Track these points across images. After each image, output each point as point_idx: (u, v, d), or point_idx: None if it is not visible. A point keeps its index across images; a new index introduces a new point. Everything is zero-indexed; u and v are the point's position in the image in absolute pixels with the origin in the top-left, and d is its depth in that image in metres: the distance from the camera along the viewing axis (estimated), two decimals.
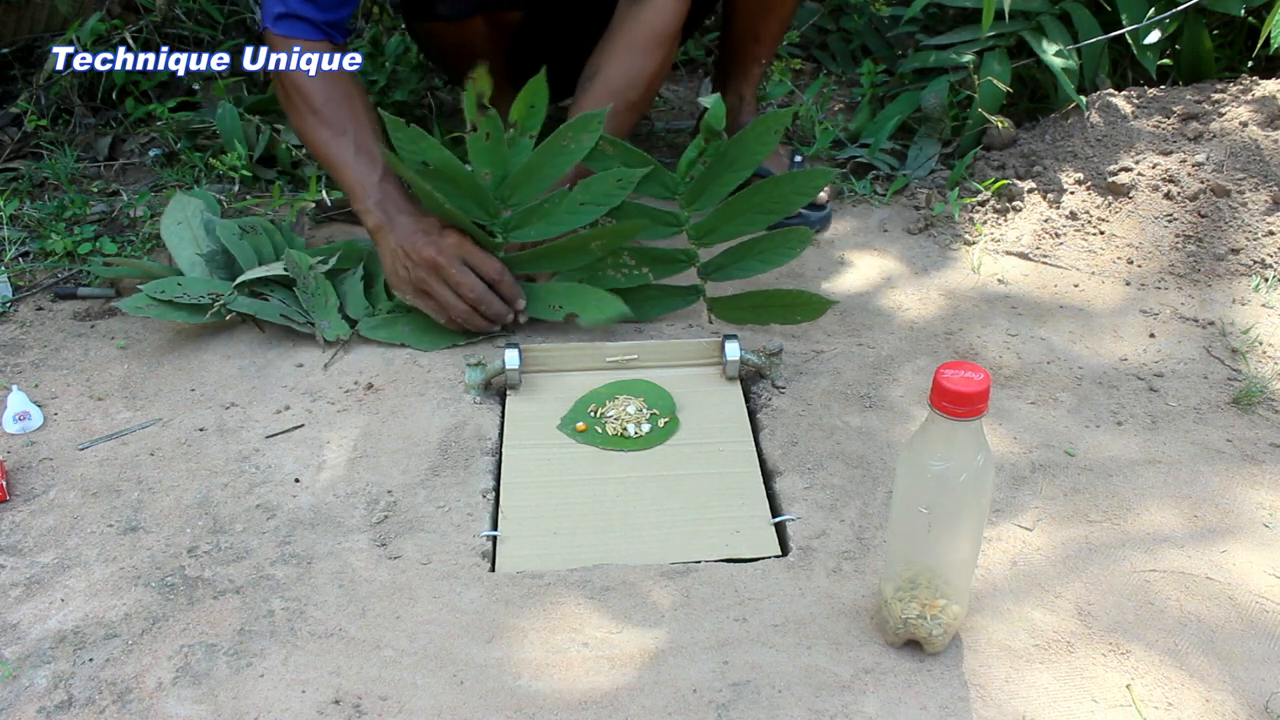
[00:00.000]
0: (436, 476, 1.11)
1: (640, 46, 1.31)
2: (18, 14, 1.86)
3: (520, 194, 1.28)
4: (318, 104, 1.30)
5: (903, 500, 0.85)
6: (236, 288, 1.32)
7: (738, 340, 1.23)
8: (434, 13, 1.50)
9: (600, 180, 1.25)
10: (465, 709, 0.86)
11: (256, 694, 0.88)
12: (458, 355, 1.29)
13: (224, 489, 1.10)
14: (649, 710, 0.86)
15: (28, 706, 0.87)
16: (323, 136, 1.30)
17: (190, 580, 0.99)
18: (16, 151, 1.75)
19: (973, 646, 0.91)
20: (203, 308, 1.29)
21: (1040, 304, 1.40)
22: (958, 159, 1.68)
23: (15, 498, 1.09)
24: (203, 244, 1.38)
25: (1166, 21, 1.68)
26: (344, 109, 1.30)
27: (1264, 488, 1.10)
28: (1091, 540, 1.03)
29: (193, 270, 1.36)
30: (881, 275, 1.46)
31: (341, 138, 1.29)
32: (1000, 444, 1.15)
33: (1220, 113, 1.55)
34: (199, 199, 1.44)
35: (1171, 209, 1.48)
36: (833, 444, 1.15)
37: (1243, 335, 1.32)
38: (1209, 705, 0.87)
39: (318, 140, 1.31)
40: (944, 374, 0.78)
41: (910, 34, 1.96)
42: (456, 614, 0.95)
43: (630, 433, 1.17)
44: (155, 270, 1.36)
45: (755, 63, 1.61)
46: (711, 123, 1.22)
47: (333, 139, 1.30)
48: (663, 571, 1.00)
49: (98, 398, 1.23)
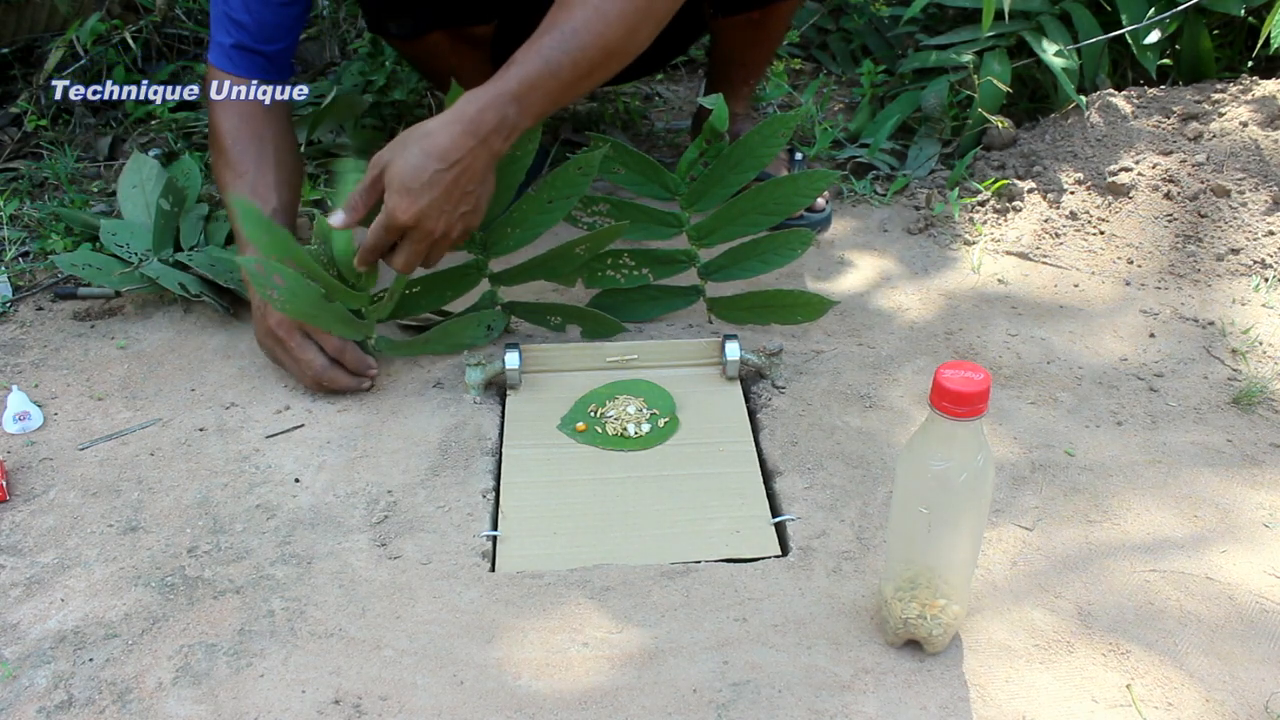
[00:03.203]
0: (436, 476, 1.11)
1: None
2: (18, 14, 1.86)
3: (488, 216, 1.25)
4: (226, 144, 1.27)
5: (903, 500, 0.85)
6: (159, 256, 1.33)
7: (738, 340, 1.23)
8: (386, 32, 1.47)
9: (561, 174, 1.23)
10: (465, 709, 0.86)
11: (256, 694, 0.88)
12: (458, 355, 1.29)
13: (224, 489, 1.10)
14: (649, 710, 0.86)
15: (28, 706, 0.87)
16: (224, 178, 1.27)
17: (190, 580, 0.99)
18: (16, 151, 1.75)
19: (973, 646, 0.92)
20: (130, 274, 1.33)
21: (1040, 304, 1.40)
22: (958, 159, 1.68)
23: (15, 498, 1.09)
24: (153, 208, 1.39)
25: (1166, 21, 1.68)
26: (249, 151, 1.26)
27: (1264, 488, 1.10)
28: (1091, 540, 1.03)
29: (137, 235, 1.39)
30: (881, 275, 1.46)
31: (239, 180, 1.25)
32: (1000, 444, 1.15)
33: (1220, 113, 1.55)
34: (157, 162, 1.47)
35: (1171, 209, 1.48)
36: (833, 444, 1.15)
37: (1243, 335, 1.32)
38: (1209, 705, 0.87)
39: (220, 181, 1.27)
40: (944, 374, 0.78)
41: (910, 34, 1.96)
42: (456, 614, 0.95)
43: (630, 433, 1.17)
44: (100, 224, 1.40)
45: (744, 84, 1.60)
46: (715, 124, 1.22)
47: (232, 181, 1.25)
48: (663, 571, 1.00)
49: (98, 398, 1.23)
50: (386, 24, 1.45)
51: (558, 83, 1.09)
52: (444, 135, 1.07)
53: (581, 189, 1.23)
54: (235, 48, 1.27)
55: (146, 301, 1.39)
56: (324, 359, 1.19)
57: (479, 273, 1.29)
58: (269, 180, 1.25)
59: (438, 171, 1.06)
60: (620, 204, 1.29)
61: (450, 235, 1.12)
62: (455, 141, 1.06)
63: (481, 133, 1.07)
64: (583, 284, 1.33)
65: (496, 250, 1.27)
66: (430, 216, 1.08)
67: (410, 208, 1.07)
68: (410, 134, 1.08)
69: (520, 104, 1.08)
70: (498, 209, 1.25)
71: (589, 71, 1.10)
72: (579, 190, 1.23)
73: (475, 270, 1.29)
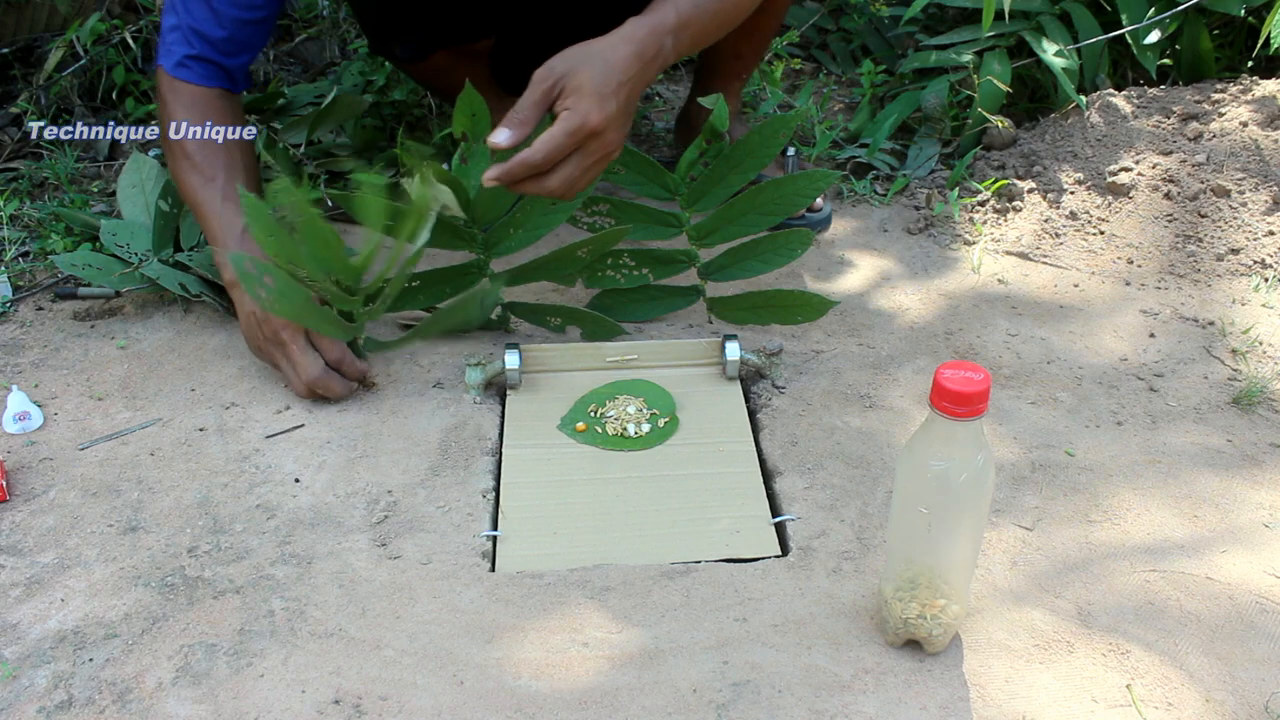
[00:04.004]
0: (436, 476, 1.11)
1: None
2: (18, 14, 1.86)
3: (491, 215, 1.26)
4: (191, 149, 1.25)
5: (903, 500, 0.85)
6: (159, 257, 1.33)
7: (738, 340, 1.24)
8: (391, 55, 1.46)
9: None
10: (465, 709, 0.86)
11: (256, 694, 0.88)
12: (458, 355, 1.29)
13: (224, 489, 1.10)
14: (649, 710, 0.86)
15: (28, 706, 0.87)
16: (193, 182, 1.25)
17: (190, 580, 0.99)
18: (16, 151, 1.75)
19: (973, 646, 0.92)
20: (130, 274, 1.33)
21: (1040, 304, 1.40)
22: (958, 159, 1.68)
23: (15, 498, 1.09)
24: (153, 208, 1.39)
25: (1166, 21, 1.68)
26: (218, 155, 1.25)
27: (1264, 488, 1.10)
28: (1091, 540, 1.03)
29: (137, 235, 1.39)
30: (881, 275, 1.46)
31: (210, 184, 1.23)
32: (1000, 444, 1.15)
33: (1220, 113, 1.55)
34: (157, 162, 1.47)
35: (1171, 209, 1.48)
36: (833, 444, 1.15)
37: (1243, 335, 1.32)
38: (1209, 705, 0.87)
39: (188, 186, 1.25)
40: (944, 374, 0.78)
41: (910, 34, 1.96)
42: (456, 614, 0.95)
43: (630, 433, 1.17)
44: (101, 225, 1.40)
45: (736, 78, 1.60)
46: (715, 124, 1.22)
47: (202, 185, 1.24)
48: (663, 571, 1.00)
49: (98, 398, 1.23)
50: (391, 47, 1.45)
51: (703, 23, 1.12)
52: (621, 51, 1.06)
53: (585, 191, 1.23)
54: (195, 58, 1.26)
55: (146, 301, 1.39)
56: (320, 367, 1.19)
57: (480, 273, 1.29)
58: (238, 183, 1.24)
59: (621, 83, 1.05)
60: (621, 204, 1.29)
61: (613, 155, 1.10)
62: (629, 61, 1.06)
63: (646, 56, 1.07)
64: (583, 284, 1.33)
65: (498, 250, 1.28)
66: (614, 125, 1.06)
67: (603, 112, 1.04)
68: (584, 47, 1.07)
69: (675, 37, 1.10)
70: (500, 209, 1.25)
71: (733, 14, 1.15)
72: (583, 193, 1.23)
73: (476, 270, 1.29)
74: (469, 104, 1.20)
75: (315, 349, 1.20)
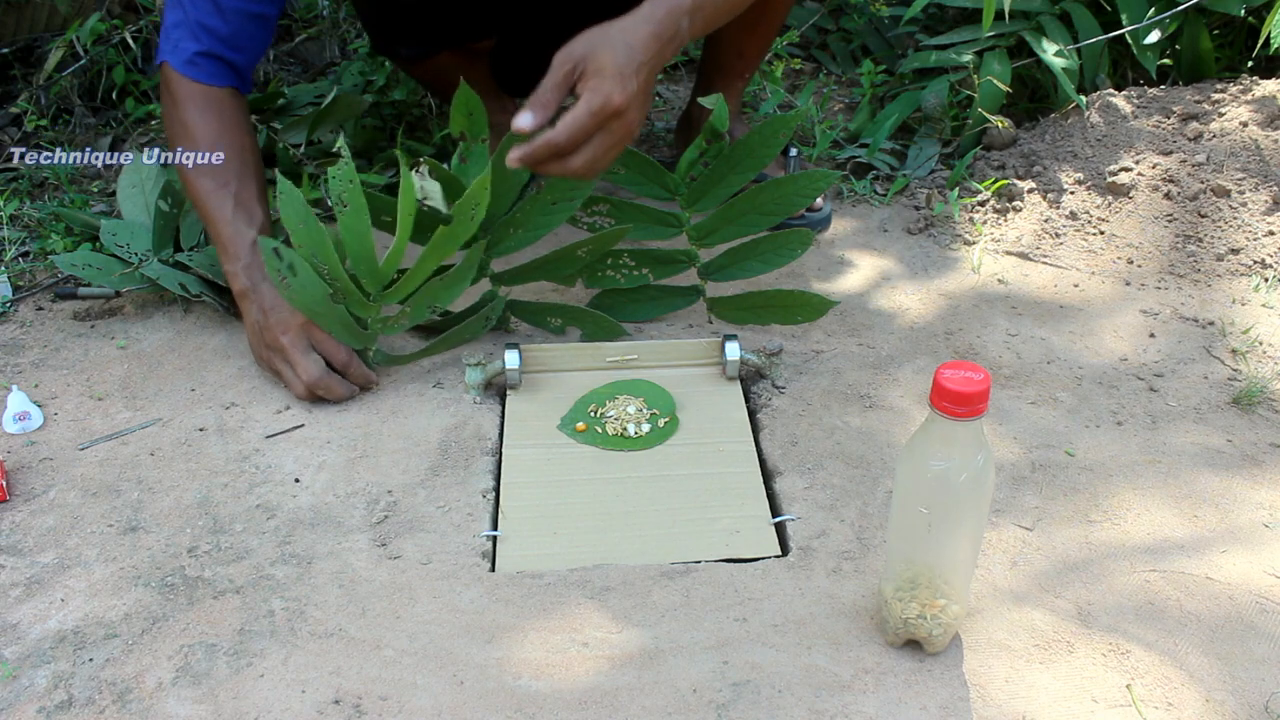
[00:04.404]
0: (436, 476, 1.11)
1: None
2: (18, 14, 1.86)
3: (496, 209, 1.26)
4: (204, 149, 1.24)
5: (903, 500, 0.85)
6: (159, 257, 1.34)
7: (738, 340, 1.23)
8: (394, 54, 1.46)
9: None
10: (465, 709, 0.86)
11: (256, 694, 0.88)
12: (458, 355, 1.29)
13: (224, 489, 1.10)
14: (649, 710, 0.86)
15: (28, 706, 0.87)
16: (204, 187, 1.24)
17: (190, 580, 0.99)
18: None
19: (973, 646, 0.92)
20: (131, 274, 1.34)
21: (1040, 304, 1.40)
22: (958, 159, 1.68)
23: (15, 498, 1.09)
24: (153, 208, 1.40)
25: (1166, 21, 1.68)
26: (233, 161, 1.25)
27: (1264, 488, 1.10)
28: (1091, 540, 1.03)
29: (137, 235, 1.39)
30: (881, 275, 1.46)
31: (222, 190, 1.23)
32: (1000, 444, 1.15)
33: (1220, 113, 1.55)
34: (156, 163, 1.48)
35: (1171, 209, 1.48)
36: (833, 444, 1.15)
37: (1243, 335, 1.32)
38: (1209, 705, 0.87)
39: (199, 190, 1.24)
40: (944, 374, 0.78)
41: (910, 34, 1.96)
42: (456, 614, 0.95)
43: (630, 433, 1.17)
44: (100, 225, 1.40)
45: (739, 77, 1.60)
46: (715, 124, 1.22)
47: (214, 191, 1.23)
48: (663, 571, 1.00)
49: (98, 398, 1.23)
50: (396, 48, 1.46)
51: (717, 4, 1.12)
52: (640, 32, 1.06)
53: (585, 191, 1.24)
54: (205, 55, 1.25)
55: (146, 301, 1.40)
56: (321, 370, 1.19)
57: (480, 272, 1.29)
58: (251, 193, 1.24)
59: (641, 63, 1.06)
60: (621, 204, 1.29)
61: (634, 135, 1.10)
62: (648, 42, 1.06)
63: (665, 36, 1.08)
64: (583, 284, 1.33)
65: (498, 250, 1.28)
66: (635, 105, 1.06)
67: (625, 92, 1.04)
68: (604, 29, 1.07)
69: (691, 19, 1.10)
70: (500, 209, 1.25)
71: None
72: (583, 192, 1.24)
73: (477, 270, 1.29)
74: (465, 103, 1.20)
75: (318, 352, 1.20)
